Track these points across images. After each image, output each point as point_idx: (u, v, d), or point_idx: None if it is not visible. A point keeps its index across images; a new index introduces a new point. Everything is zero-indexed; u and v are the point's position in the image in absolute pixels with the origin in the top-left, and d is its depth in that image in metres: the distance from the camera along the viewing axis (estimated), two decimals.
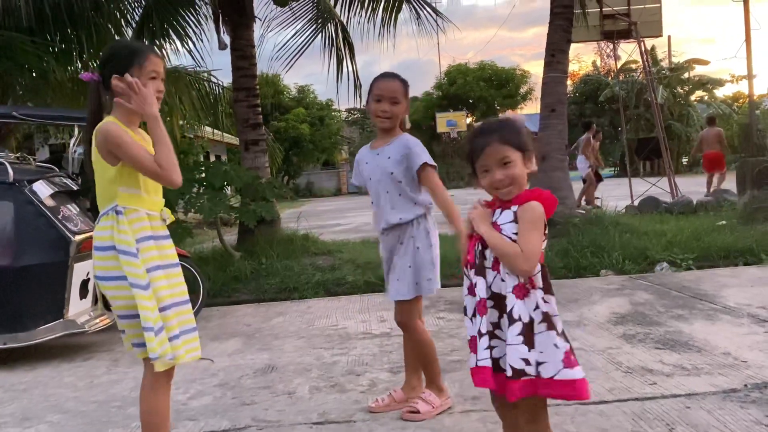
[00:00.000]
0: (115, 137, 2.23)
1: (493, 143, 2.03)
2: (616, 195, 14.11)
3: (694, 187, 14.85)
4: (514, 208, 2.01)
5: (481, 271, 2.07)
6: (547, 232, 2.02)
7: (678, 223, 8.19)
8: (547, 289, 2.00)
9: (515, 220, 1.99)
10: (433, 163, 2.96)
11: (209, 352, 4.43)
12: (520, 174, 2.03)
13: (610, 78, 31.71)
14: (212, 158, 21.72)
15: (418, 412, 2.93)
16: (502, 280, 2.02)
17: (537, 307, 1.96)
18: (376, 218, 3.09)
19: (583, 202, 12.60)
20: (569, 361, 1.93)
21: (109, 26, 8.49)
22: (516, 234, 1.98)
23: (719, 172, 13.04)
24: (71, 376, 4.10)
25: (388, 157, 3.00)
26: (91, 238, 4.67)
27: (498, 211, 2.06)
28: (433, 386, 3.05)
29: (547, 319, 1.96)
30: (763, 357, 3.49)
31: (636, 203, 10.74)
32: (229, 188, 7.70)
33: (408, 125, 3.11)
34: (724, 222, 8.03)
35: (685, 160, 32.01)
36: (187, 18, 8.43)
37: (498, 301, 2.02)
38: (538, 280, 1.99)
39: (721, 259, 6.55)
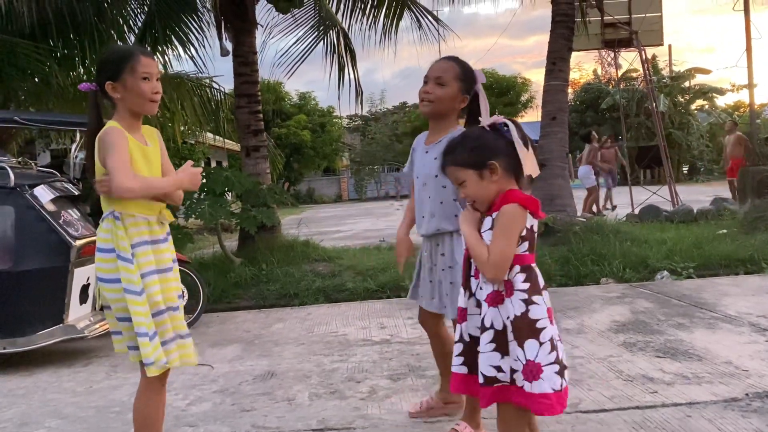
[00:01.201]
0: (111, 139, 2.23)
1: (447, 166, 2.09)
2: (616, 203, 14.14)
3: (694, 195, 14.87)
4: (495, 214, 2.01)
5: (465, 280, 2.09)
6: (525, 234, 1.97)
7: (678, 232, 8.19)
8: (534, 290, 1.97)
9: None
10: None
11: (209, 358, 4.42)
12: (476, 192, 2.03)
13: (611, 86, 31.76)
14: (213, 164, 21.73)
15: None
16: (480, 288, 2.02)
17: (509, 317, 1.95)
18: (416, 219, 2.85)
19: (599, 208, 12.65)
20: (528, 373, 1.90)
21: (112, 32, 8.53)
22: None
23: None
24: (70, 382, 4.09)
25: (434, 158, 2.63)
26: (91, 243, 4.69)
27: (487, 218, 2.06)
28: (471, 420, 2.76)
29: (517, 328, 1.93)
30: (765, 366, 3.48)
31: (636, 211, 10.74)
32: (229, 194, 7.71)
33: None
34: (724, 231, 8.03)
35: (685, 169, 32.02)
36: (189, 24, 8.47)
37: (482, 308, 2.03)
38: (518, 283, 1.96)
39: (722, 267, 6.54)
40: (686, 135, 29.78)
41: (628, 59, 21.54)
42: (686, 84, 30.75)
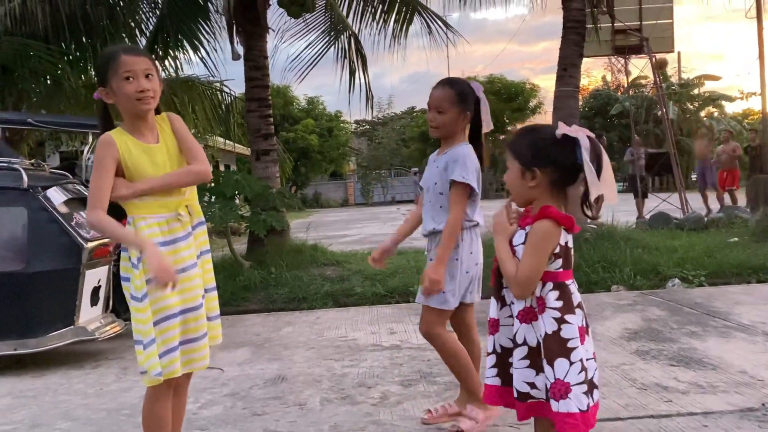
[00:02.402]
0: (96, 156, 2.22)
1: (506, 145, 2.05)
2: (625, 210, 14.04)
3: (702, 203, 14.75)
4: (528, 228, 1.95)
5: (497, 290, 2.05)
6: (558, 251, 1.92)
7: (689, 240, 8.14)
8: (567, 309, 1.91)
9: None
10: (465, 180, 2.79)
11: (218, 362, 4.40)
12: (512, 184, 1.99)
13: (619, 93, 31.70)
14: (221, 168, 21.78)
15: (461, 430, 2.83)
16: (512, 303, 1.99)
17: (542, 334, 1.91)
18: (422, 220, 3.04)
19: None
20: (555, 392, 1.86)
21: (123, 35, 8.57)
22: None
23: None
24: (81, 384, 4.09)
25: (437, 167, 2.94)
26: (102, 245, 4.70)
27: (520, 230, 1.99)
28: (474, 400, 2.89)
29: (548, 346, 1.89)
30: None
31: (647, 218, 10.68)
32: (237, 198, 7.71)
33: (488, 128, 2.99)
34: (736, 239, 7.98)
35: (694, 176, 31.88)
36: (201, 28, 8.50)
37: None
38: (551, 301, 1.91)
39: (734, 276, 6.50)
40: (695, 142, 29.64)
41: (639, 66, 21.45)
42: (695, 91, 30.66)
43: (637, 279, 6.48)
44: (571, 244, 1.96)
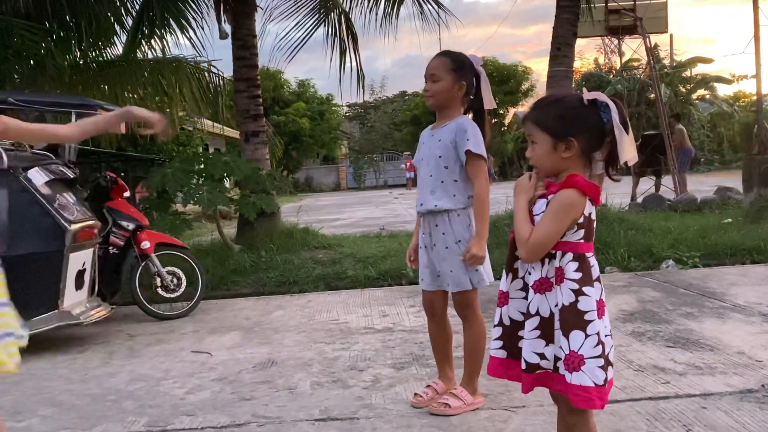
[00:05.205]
0: None
1: (528, 120, 1.97)
2: (619, 192, 14.01)
3: (695, 185, 14.75)
4: (551, 197, 1.90)
5: (510, 262, 2.01)
6: (582, 221, 1.87)
7: (683, 221, 8.09)
8: (585, 281, 1.86)
9: None
10: (479, 152, 2.77)
11: (207, 346, 4.33)
12: (541, 158, 1.93)
13: (611, 76, 31.58)
14: (211, 151, 21.58)
15: (448, 406, 2.84)
16: (529, 273, 1.94)
17: (557, 304, 1.88)
18: (418, 199, 2.99)
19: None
20: (569, 364, 1.83)
21: (109, 14, 8.34)
22: None
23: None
24: (65, 369, 3.99)
25: (438, 140, 2.87)
26: (88, 227, 4.58)
27: (542, 199, 1.95)
28: (468, 385, 2.93)
29: (564, 317, 1.85)
30: None
31: (640, 200, 10.64)
32: (227, 181, 7.57)
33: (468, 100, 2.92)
34: (729, 220, 7.94)
35: None
36: (188, 6, 8.29)
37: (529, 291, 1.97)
38: (570, 272, 1.87)
39: (728, 257, 6.45)
40: (687, 125, 29.65)
41: (631, 47, 21.33)
42: (687, 73, 30.62)
43: (631, 260, 6.42)
44: (594, 216, 1.92)
